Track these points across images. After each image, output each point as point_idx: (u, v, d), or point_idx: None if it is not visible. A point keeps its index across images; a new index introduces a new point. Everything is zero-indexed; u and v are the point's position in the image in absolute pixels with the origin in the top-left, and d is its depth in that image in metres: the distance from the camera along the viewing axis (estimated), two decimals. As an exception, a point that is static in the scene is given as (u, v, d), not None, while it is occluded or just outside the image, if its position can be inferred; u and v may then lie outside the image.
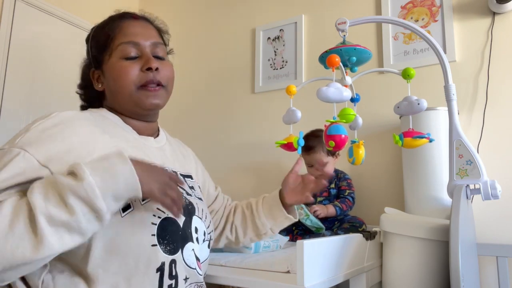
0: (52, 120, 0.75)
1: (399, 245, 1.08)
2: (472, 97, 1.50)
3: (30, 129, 0.73)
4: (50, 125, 0.74)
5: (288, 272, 0.91)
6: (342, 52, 0.95)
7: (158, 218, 0.75)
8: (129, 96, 0.85)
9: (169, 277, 0.74)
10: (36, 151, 0.69)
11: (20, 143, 0.70)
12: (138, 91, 0.85)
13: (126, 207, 0.71)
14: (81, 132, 0.76)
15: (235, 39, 2.14)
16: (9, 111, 1.79)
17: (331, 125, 0.84)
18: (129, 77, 0.84)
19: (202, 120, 2.17)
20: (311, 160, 1.52)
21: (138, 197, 0.67)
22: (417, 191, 1.34)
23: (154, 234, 0.73)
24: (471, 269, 1.01)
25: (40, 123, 0.74)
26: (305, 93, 1.40)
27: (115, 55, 0.86)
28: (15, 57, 1.84)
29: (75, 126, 0.76)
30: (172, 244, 0.76)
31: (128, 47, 0.85)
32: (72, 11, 2.09)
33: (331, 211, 1.42)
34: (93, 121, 0.81)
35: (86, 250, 0.69)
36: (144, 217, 0.73)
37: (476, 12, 1.54)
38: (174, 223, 0.77)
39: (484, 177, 0.99)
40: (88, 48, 0.92)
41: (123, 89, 0.85)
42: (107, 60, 0.87)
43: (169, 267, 0.74)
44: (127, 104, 0.87)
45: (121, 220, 0.70)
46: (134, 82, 0.84)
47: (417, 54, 1.62)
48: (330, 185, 1.53)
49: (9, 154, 0.68)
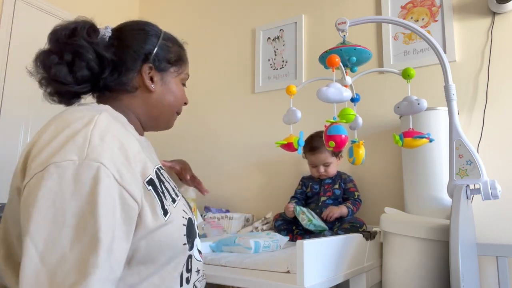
0: (99, 128, 0.68)
1: (399, 245, 1.08)
2: (472, 97, 1.50)
3: (89, 137, 0.66)
4: (102, 133, 0.68)
5: (288, 272, 0.91)
6: (342, 52, 0.96)
7: (185, 219, 0.78)
8: (169, 114, 0.91)
9: (186, 271, 0.78)
10: (109, 164, 0.64)
11: (91, 154, 0.64)
12: (175, 115, 0.93)
13: (165, 211, 0.73)
14: (124, 137, 0.73)
15: (235, 39, 2.14)
16: (9, 111, 1.80)
17: (331, 125, 0.84)
18: (180, 102, 0.92)
19: (202, 120, 2.17)
20: (315, 160, 1.53)
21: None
22: (417, 191, 1.34)
23: (185, 234, 0.77)
24: (471, 269, 1.01)
25: (91, 133, 0.67)
26: (305, 93, 1.40)
27: (180, 78, 0.91)
28: (15, 57, 1.84)
29: (117, 130, 0.72)
30: (192, 241, 0.80)
31: (186, 78, 0.94)
32: (72, 11, 2.09)
33: (344, 211, 1.44)
34: (120, 122, 0.78)
35: (132, 252, 0.69)
36: (178, 219, 0.76)
37: (476, 12, 1.54)
38: (192, 222, 0.82)
39: (484, 177, 0.99)
40: (154, 42, 0.87)
41: (171, 108, 0.90)
42: (172, 74, 0.89)
43: (186, 261, 0.78)
44: (160, 118, 0.90)
45: (164, 224, 0.72)
46: (178, 107, 0.92)
47: (417, 54, 1.62)
48: (334, 185, 1.54)
49: (89, 169, 0.62)
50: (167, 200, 0.75)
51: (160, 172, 0.80)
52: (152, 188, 0.72)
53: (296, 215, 1.43)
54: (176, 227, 0.75)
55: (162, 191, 0.75)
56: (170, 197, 0.77)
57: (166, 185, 0.79)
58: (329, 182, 1.55)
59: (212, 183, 1.99)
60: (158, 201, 0.72)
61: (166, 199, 0.75)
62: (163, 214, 0.72)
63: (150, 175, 0.73)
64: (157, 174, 0.77)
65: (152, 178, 0.73)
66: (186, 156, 1.19)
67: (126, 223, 0.65)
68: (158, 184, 0.75)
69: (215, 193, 1.79)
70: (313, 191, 1.57)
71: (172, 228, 0.73)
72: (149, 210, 0.70)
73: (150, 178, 0.73)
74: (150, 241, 0.70)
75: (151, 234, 0.70)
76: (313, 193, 1.57)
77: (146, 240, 0.69)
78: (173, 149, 2.08)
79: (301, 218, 1.41)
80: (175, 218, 0.75)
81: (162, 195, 0.74)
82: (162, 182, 0.77)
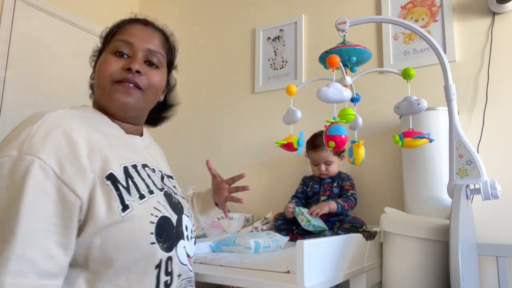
0: (48, 123, 0.71)
1: (399, 245, 1.08)
2: (472, 97, 1.50)
3: (32, 133, 0.69)
4: (49, 128, 0.71)
5: (288, 272, 0.91)
6: (342, 52, 0.95)
7: (156, 217, 0.76)
8: (103, 88, 0.85)
9: (165, 274, 0.76)
10: (48, 158, 0.67)
11: (29, 149, 0.66)
12: (112, 86, 0.84)
13: (125, 207, 0.72)
14: (80, 132, 0.74)
15: (235, 39, 2.14)
16: (9, 111, 1.79)
17: (331, 125, 0.84)
18: (109, 70, 0.84)
19: (202, 120, 2.17)
20: (317, 158, 1.53)
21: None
22: (417, 191, 1.34)
23: (153, 232, 0.74)
24: (471, 269, 1.01)
25: (37, 127, 0.70)
26: (305, 93, 1.40)
27: (108, 49, 0.87)
28: (15, 57, 1.84)
29: (72, 125, 0.74)
30: (168, 242, 0.77)
31: (120, 44, 0.86)
32: (72, 11, 2.09)
33: (332, 206, 1.43)
34: (84, 119, 0.79)
35: (86, 250, 0.69)
36: (143, 217, 0.74)
37: (476, 12, 1.54)
38: (169, 222, 0.79)
39: (484, 177, 0.99)
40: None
41: (100, 81, 0.85)
42: (103, 53, 0.88)
43: (165, 264, 0.76)
44: (102, 99, 0.86)
45: (121, 220, 0.71)
46: (111, 75, 0.84)
47: (417, 54, 1.62)
48: (333, 184, 1.54)
49: (22, 163, 0.65)
50: (132, 196, 0.74)
51: (136, 169, 0.80)
52: (111, 183, 0.72)
53: (296, 215, 1.43)
54: (138, 224, 0.73)
55: (127, 187, 0.74)
56: (138, 193, 0.76)
57: (137, 181, 0.78)
58: (329, 181, 1.55)
59: (212, 183, 1.99)
60: (116, 196, 0.71)
61: (131, 194, 0.74)
62: (122, 209, 0.71)
63: (111, 170, 0.73)
64: (126, 169, 0.77)
65: (112, 173, 0.73)
66: (185, 156, 1.19)
67: (63, 217, 0.66)
68: (122, 179, 0.74)
69: (215, 193, 1.79)
70: (313, 190, 1.57)
71: (132, 225, 0.72)
72: (103, 205, 0.70)
73: (110, 173, 0.73)
74: (105, 238, 0.69)
75: (105, 230, 0.69)
76: (313, 193, 1.57)
77: (100, 237, 0.69)
78: (172, 149, 2.08)
79: (300, 219, 1.40)
80: (137, 215, 0.73)
81: (125, 191, 0.73)
82: (131, 178, 0.77)
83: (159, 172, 0.92)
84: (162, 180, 0.90)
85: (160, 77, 0.91)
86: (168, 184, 0.92)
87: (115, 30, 0.90)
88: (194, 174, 1.77)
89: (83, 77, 1.03)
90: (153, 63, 0.89)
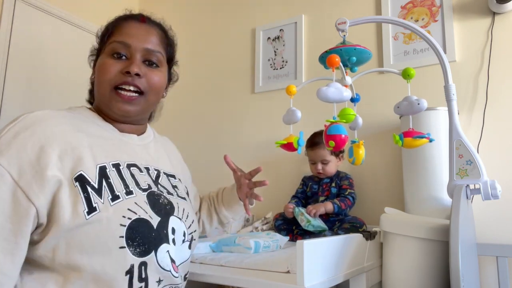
0: (20, 124, 0.72)
1: (399, 245, 1.08)
2: (472, 97, 1.50)
3: (1, 136, 0.70)
4: (19, 130, 0.71)
5: (288, 272, 0.91)
6: (342, 52, 0.95)
7: (128, 219, 0.72)
8: (103, 95, 0.84)
9: (139, 280, 0.72)
10: (8, 162, 0.67)
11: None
12: (112, 93, 0.83)
13: (91, 209, 0.69)
14: (52, 132, 0.73)
15: (235, 39, 2.14)
16: (9, 111, 1.79)
17: (331, 125, 0.84)
18: (108, 75, 0.82)
19: (202, 120, 2.17)
20: (314, 156, 1.53)
21: None
22: (417, 191, 1.34)
23: (123, 236, 0.71)
24: (471, 269, 1.01)
25: (9, 128, 0.71)
26: (305, 93, 1.40)
27: (106, 51, 0.86)
28: (15, 57, 1.84)
29: (46, 126, 0.73)
30: (143, 246, 0.73)
31: (118, 46, 0.84)
32: (72, 11, 2.09)
33: (328, 207, 1.42)
34: (69, 119, 0.78)
35: (52, 253, 0.68)
36: (112, 219, 0.71)
37: (476, 12, 1.54)
38: (146, 224, 0.75)
39: (484, 177, 0.99)
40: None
41: (100, 87, 0.84)
42: (101, 54, 0.87)
43: (138, 269, 0.72)
44: (102, 104, 0.86)
45: (86, 223, 0.68)
46: (110, 81, 0.83)
47: (417, 54, 1.62)
48: (331, 184, 1.54)
49: None
50: (103, 198, 0.71)
51: (118, 169, 0.78)
52: (79, 184, 0.70)
53: (296, 216, 1.43)
54: (106, 227, 0.70)
55: (98, 188, 0.72)
56: (112, 194, 0.73)
57: (114, 182, 0.75)
58: (327, 181, 1.55)
59: (212, 183, 1.98)
60: (83, 198, 0.69)
61: (102, 196, 0.71)
62: (87, 212, 0.69)
63: (81, 171, 0.71)
64: (102, 169, 0.74)
65: (82, 174, 0.71)
66: (185, 156, 1.19)
67: (13, 222, 0.65)
68: (93, 180, 0.72)
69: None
70: (312, 190, 1.57)
71: (98, 228, 0.69)
72: (68, 207, 0.68)
73: (80, 174, 0.71)
74: (70, 241, 0.68)
75: (69, 233, 0.68)
76: (312, 193, 1.57)
77: (65, 239, 0.68)
78: (173, 149, 2.08)
79: (300, 219, 1.40)
80: (106, 217, 0.70)
81: (94, 192, 0.71)
82: (106, 178, 0.74)
83: (155, 171, 0.89)
84: (157, 179, 0.87)
85: (160, 76, 0.89)
86: (164, 183, 0.89)
87: (110, 29, 0.88)
88: (194, 174, 1.77)
89: (83, 76, 1.03)
90: (153, 63, 0.88)
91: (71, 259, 0.68)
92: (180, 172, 1.04)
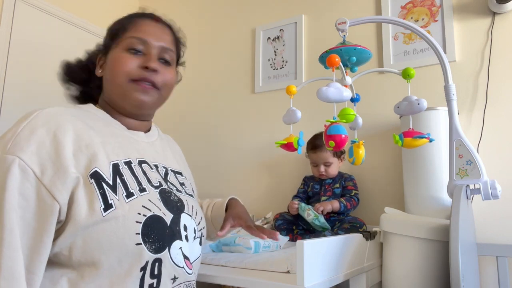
0: (36, 121, 0.71)
1: (399, 245, 1.08)
2: (472, 97, 1.50)
3: (18, 132, 0.69)
4: (35, 126, 0.70)
5: (288, 272, 0.91)
6: (342, 52, 0.95)
7: (144, 216, 0.73)
8: (119, 86, 0.85)
9: (151, 276, 0.73)
10: (30, 159, 0.66)
11: (12, 148, 0.66)
12: (129, 84, 0.84)
13: (107, 206, 0.70)
14: (67, 129, 0.73)
15: (235, 39, 2.14)
16: (9, 111, 1.79)
17: (331, 125, 0.84)
18: (125, 68, 0.84)
19: (202, 120, 2.17)
20: (317, 159, 1.53)
21: None
22: (417, 191, 1.34)
23: (139, 232, 0.71)
24: (471, 269, 1.01)
25: (24, 125, 0.70)
26: (305, 93, 1.40)
27: (121, 46, 0.87)
28: (15, 57, 1.84)
29: (60, 123, 0.73)
30: (158, 243, 0.74)
31: (135, 42, 0.86)
32: (72, 11, 2.09)
33: (335, 205, 1.43)
34: (79, 117, 0.78)
35: (68, 251, 0.68)
36: (128, 216, 0.71)
37: (476, 12, 1.54)
38: (160, 221, 0.75)
39: (484, 177, 0.99)
40: (105, 36, 0.93)
41: (115, 79, 0.85)
42: (114, 48, 0.88)
43: (151, 266, 0.73)
44: (116, 96, 0.86)
45: (103, 220, 0.69)
46: (128, 74, 0.84)
47: (417, 54, 1.62)
48: (334, 184, 1.54)
49: (3, 163, 0.65)
50: (118, 194, 0.72)
51: (130, 166, 0.78)
52: (94, 181, 0.70)
53: (301, 211, 1.44)
54: (122, 224, 0.70)
55: (113, 185, 0.72)
56: (126, 191, 0.73)
57: (127, 179, 0.75)
58: (330, 182, 1.55)
59: (212, 183, 1.99)
60: (99, 195, 0.69)
61: (117, 193, 0.72)
62: (104, 209, 0.69)
63: (96, 168, 0.71)
64: (115, 167, 0.74)
65: (97, 171, 0.71)
66: (185, 156, 1.18)
67: (39, 220, 0.65)
68: (108, 177, 0.72)
69: (215, 193, 1.79)
70: (314, 190, 1.57)
71: (115, 225, 0.69)
72: (85, 204, 0.68)
73: (95, 171, 0.71)
74: (87, 238, 0.68)
75: (86, 230, 0.68)
76: (314, 193, 1.57)
77: (82, 237, 0.68)
78: (173, 149, 2.08)
79: (307, 214, 1.42)
80: (122, 214, 0.70)
81: (110, 189, 0.71)
82: (120, 175, 0.75)
83: (164, 168, 0.90)
84: (166, 177, 0.88)
85: (173, 74, 0.92)
86: (172, 180, 0.90)
87: (126, 25, 0.89)
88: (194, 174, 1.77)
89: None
90: (167, 60, 0.90)
91: (88, 256, 0.68)
92: (184, 170, 1.04)
